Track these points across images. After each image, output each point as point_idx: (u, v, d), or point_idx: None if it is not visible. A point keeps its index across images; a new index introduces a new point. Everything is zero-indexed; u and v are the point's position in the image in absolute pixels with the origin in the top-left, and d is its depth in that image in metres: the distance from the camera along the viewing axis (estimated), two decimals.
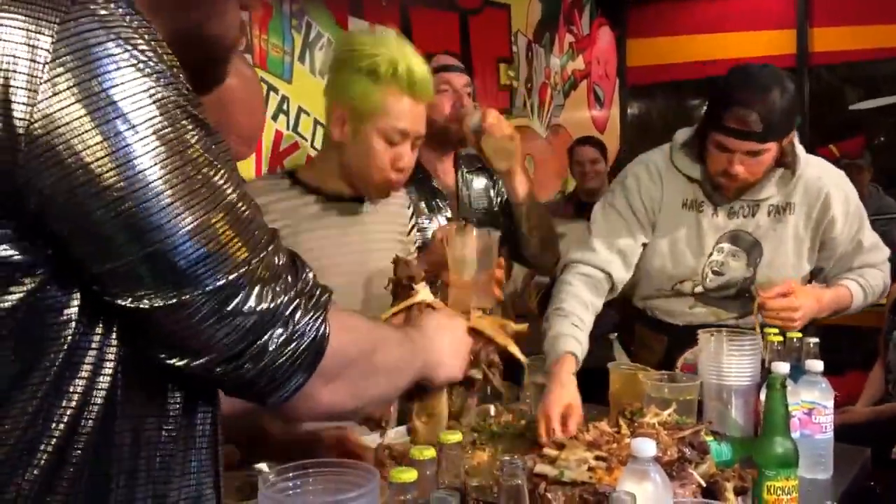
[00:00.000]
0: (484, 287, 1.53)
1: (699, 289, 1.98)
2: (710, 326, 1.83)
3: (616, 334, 2.54)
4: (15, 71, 0.62)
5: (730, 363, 1.63)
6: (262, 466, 1.38)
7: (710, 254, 1.95)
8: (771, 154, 1.82)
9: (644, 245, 1.98)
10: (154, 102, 0.65)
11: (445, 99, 2.06)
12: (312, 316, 0.76)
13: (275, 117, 2.82)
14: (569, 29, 4.87)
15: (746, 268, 1.95)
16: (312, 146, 2.98)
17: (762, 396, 1.46)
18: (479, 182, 2.22)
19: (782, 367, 1.45)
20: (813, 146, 4.90)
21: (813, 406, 1.51)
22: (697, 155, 1.93)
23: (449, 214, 2.10)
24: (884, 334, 2.90)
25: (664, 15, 5.10)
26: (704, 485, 1.27)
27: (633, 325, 2.15)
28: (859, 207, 1.99)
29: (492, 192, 2.22)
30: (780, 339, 1.68)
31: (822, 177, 1.95)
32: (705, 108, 1.95)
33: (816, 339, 1.67)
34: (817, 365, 1.53)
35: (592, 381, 1.93)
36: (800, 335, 1.68)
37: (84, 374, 0.69)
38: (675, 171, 1.97)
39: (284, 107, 2.85)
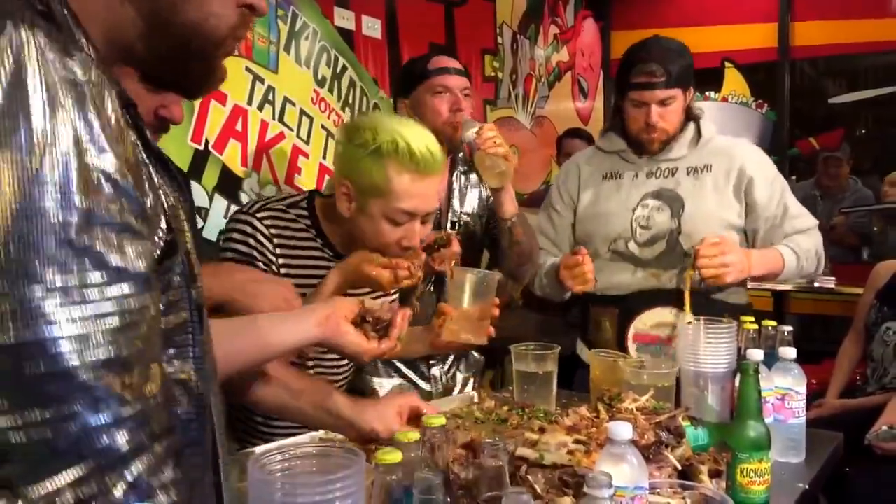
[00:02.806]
0: (477, 323, 1.64)
1: (632, 245, 2.12)
2: (653, 292, 2.07)
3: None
4: None
5: (706, 351, 1.67)
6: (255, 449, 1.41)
7: (635, 209, 2.13)
8: (679, 104, 2.08)
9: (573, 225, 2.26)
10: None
11: (443, 102, 2.06)
12: None
13: (260, 107, 2.83)
14: (553, 21, 4.89)
15: (671, 219, 2.10)
16: (298, 136, 3.00)
17: (737, 382, 1.50)
18: (472, 184, 2.24)
19: (756, 354, 1.49)
20: (793, 138, 4.98)
21: (786, 392, 1.56)
22: (618, 129, 2.20)
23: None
24: (867, 324, 2.90)
25: (648, 7, 5.14)
26: (680, 467, 1.31)
27: (587, 313, 2.24)
28: (778, 175, 2.18)
29: (483, 196, 2.24)
30: (756, 327, 1.73)
31: (734, 145, 2.19)
32: (616, 82, 2.19)
33: (790, 328, 1.72)
34: (790, 352, 1.58)
35: (570, 368, 2.00)
36: (774, 323, 1.73)
37: None
38: (599, 153, 2.27)
39: (270, 97, 2.86)
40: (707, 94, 5.16)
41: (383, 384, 2.03)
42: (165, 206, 0.70)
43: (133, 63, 0.69)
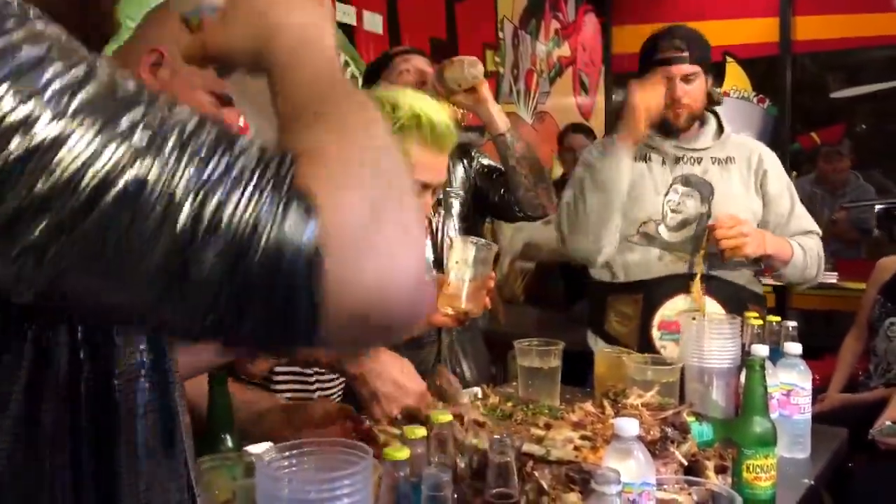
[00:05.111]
0: (475, 293, 1.66)
1: (662, 228, 2.13)
2: (679, 277, 2.06)
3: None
4: None
5: (711, 346, 1.67)
6: (255, 448, 1.41)
7: (667, 193, 2.15)
8: (701, 83, 2.13)
9: None
10: None
11: (409, 78, 2.09)
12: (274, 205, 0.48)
13: None
14: (555, 15, 4.89)
15: (701, 204, 2.13)
16: None
17: (742, 378, 1.50)
18: (455, 161, 2.21)
19: (761, 350, 1.49)
20: (794, 133, 4.97)
21: (791, 387, 1.55)
22: None
23: None
24: (870, 319, 2.89)
25: (649, 2, 5.13)
26: (686, 463, 1.30)
27: (604, 304, 2.21)
28: (786, 174, 2.25)
29: (466, 167, 2.23)
30: (760, 322, 1.72)
31: (751, 140, 2.29)
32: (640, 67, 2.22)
33: (795, 323, 1.71)
34: (795, 347, 1.58)
35: (573, 364, 2.00)
36: (778, 319, 1.73)
37: None
38: None
39: None
40: None
41: None
42: None
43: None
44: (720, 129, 2.22)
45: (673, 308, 2.06)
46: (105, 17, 0.70)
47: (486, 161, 2.23)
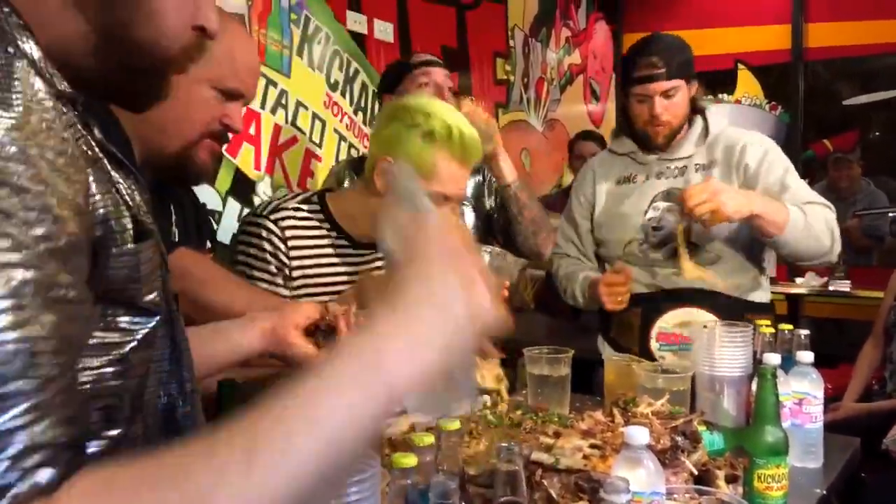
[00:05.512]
0: None
1: (645, 246, 2.13)
2: (675, 291, 2.08)
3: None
4: None
5: (721, 354, 1.66)
6: None
7: (646, 211, 2.14)
8: (683, 95, 2.09)
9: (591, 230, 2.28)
10: None
11: (426, 92, 2.10)
12: None
13: (273, 111, 2.84)
14: (565, 23, 4.89)
15: (682, 217, 2.04)
16: (311, 140, 3.00)
17: (753, 387, 1.49)
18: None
19: (773, 358, 1.48)
20: (807, 141, 4.95)
21: (803, 396, 1.54)
22: (627, 131, 2.23)
23: None
24: (886, 326, 2.87)
25: (659, 9, 5.13)
26: (696, 472, 1.29)
27: (608, 315, 2.22)
28: (783, 159, 2.12)
29: (479, 182, 2.28)
30: (772, 330, 1.71)
31: (741, 135, 2.16)
32: (621, 82, 2.24)
33: (807, 332, 1.70)
34: (807, 356, 1.56)
35: (583, 372, 2.00)
36: (790, 327, 1.72)
37: None
38: (611, 156, 2.29)
39: (283, 100, 2.87)
40: (720, 96, 5.14)
41: None
42: (127, 198, 0.70)
43: (76, 73, 0.66)
44: (706, 130, 2.15)
45: (669, 321, 2.07)
46: (154, 80, 0.74)
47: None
